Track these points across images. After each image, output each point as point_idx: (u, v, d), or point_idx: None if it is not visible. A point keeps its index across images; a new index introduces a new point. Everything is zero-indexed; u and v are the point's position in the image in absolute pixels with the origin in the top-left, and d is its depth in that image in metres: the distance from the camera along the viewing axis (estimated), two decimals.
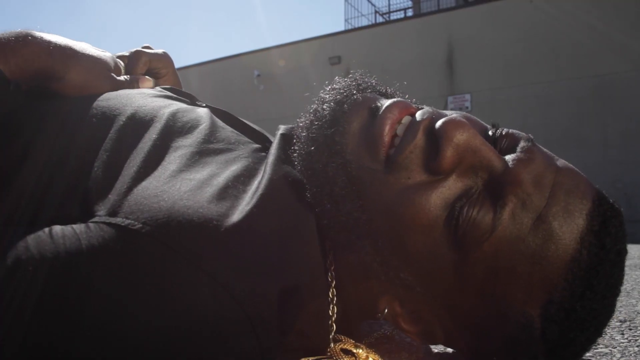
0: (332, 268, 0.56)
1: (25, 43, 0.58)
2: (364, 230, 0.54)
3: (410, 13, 10.84)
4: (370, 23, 10.64)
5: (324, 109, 0.59)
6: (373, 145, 0.55)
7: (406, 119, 0.56)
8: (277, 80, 9.04)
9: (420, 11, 10.18)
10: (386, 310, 0.57)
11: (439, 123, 0.53)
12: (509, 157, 0.53)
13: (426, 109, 0.57)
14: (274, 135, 0.64)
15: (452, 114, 0.55)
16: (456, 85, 8.00)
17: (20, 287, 0.40)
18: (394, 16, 11.15)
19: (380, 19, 11.12)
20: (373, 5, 11.27)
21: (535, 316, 0.51)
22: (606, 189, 0.56)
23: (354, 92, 0.59)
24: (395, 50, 8.35)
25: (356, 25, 10.48)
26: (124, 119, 0.55)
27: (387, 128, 0.55)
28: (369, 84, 0.63)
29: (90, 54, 0.67)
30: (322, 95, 0.61)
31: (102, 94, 0.62)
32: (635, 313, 1.06)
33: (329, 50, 9.00)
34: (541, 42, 7.28)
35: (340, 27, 12.40)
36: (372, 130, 0.55)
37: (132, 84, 0.74)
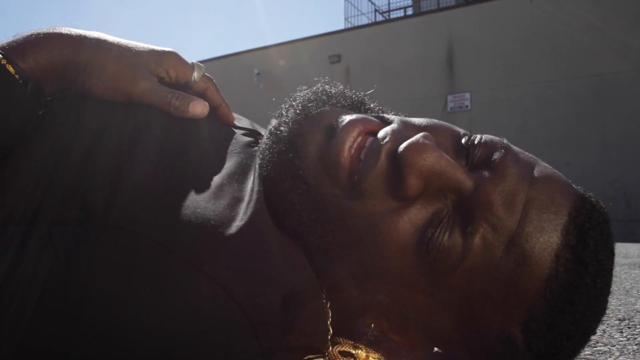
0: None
1: (43, 37, 0.54)
2: (337, 255, 0.53)
3: (410, 12, 10.82)
4: (370, 22, 10.62)
5: (282, 131, 0.55)
6: (333, 171, 0.52)
7: (369, 142, 0.53)
8: (277, 79, 9.02)
9: (420, 10, 10.16)
10: (373, 325, 0.57)
11: (400, 148, 0.50)
12: (479, 175, 0.51)
13: (388, 127, 0.53)
14: (266, 129, 0.62)
15: (419, 130, 0.52)
16: (456, 84, 7.98)
17: (20, 287, 0.40)
18: (393, 15, 11.14)
19: (380, 18, 11.11)
20: (373, 3, 11.26)
21: (517, 332, 0.50)
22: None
23: (313, 107, 0.56)
24: (395, 49, 8.33)
25: (356, 24, 10.47)
26: (123, 120, 0.54)
27: (344, 153, 0.52)
28: (332, 94, 0.59)
29: (124, 44, 0.57)
30: (283, 112, 0.58)
31: (126, 96, 0.56)
32: (634, 311, 1.06)
33: (328, 48, 8.99)
34: (541, 42, 7.27)
35: (340, 26, 12.40)
36: (329, 154, 0.52)
37: (179, 101, 0.57)
